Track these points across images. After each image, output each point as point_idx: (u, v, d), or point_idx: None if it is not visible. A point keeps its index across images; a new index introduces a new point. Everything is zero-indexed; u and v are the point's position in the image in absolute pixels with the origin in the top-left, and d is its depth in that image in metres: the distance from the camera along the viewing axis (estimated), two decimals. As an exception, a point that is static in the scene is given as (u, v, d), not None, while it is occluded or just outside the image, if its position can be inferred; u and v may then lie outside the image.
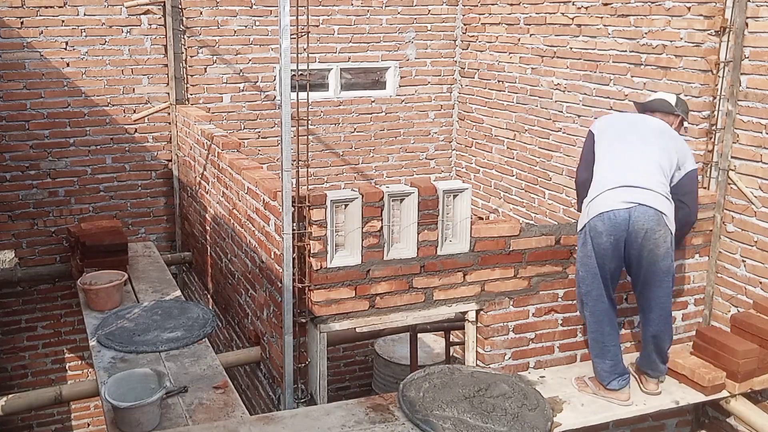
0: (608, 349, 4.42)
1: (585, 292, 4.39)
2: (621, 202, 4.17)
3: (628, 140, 4.40)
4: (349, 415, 3.99)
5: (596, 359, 4.49)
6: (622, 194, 4.19)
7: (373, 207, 4.35)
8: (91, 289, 5.28)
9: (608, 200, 4.20)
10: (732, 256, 5.10)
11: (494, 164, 7.54)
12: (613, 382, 4.45)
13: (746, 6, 4.86)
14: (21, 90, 6.58)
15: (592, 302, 4.38)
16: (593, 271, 4.30)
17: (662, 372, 4.63)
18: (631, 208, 4.15)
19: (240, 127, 7.33)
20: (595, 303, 4.36)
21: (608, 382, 4.47)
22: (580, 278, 4.41)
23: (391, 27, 7.67)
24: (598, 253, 4.25)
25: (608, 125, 4.56)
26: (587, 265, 4.32)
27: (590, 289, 4.35)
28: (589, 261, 4.29)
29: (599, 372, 4.49)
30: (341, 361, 8.07)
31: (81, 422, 7.47)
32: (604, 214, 4.19)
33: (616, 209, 4.16)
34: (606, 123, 4.60)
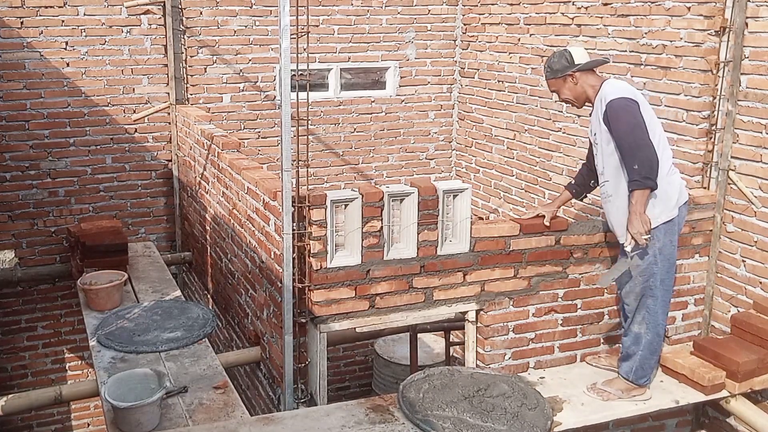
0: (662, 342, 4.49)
1: (660, 282, 4.32)
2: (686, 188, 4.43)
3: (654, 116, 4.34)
4: (349, 415, 3.99)
5: (651, 355, 4.46)
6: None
7: (373, 207, 4.35)
8: (91, 289, 5.28)
9: (684, 187, 4.37)
10: (732, 256, 5.10)
11: (494, 164, 7.54)
12: (648, 380, 4.52)
13: (746, 6, 4.86)
14: (21, 90, 6.58)
15: (664, 293, 4.36)
16: (672, 259, 4.36)
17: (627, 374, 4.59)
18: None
19: (240, 127, 7.34)
20: (667, 292, 4.39)
21: (647, 380, 4.51)
22: (657, 270, 4.29)
23: (391, 27, 7.67)
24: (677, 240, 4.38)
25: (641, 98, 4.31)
26: (669, 253, 4.31)
27: (665, 278, 4.34)
28: (672, 249, 4.33)
29: (645, 368, 4.46)
30: (341, 361, 8.08)
31: (81, 422, 7.47)
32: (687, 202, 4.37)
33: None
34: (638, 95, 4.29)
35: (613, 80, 4.39)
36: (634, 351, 4.46)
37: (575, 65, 4.32)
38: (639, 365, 4.46)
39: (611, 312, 4.98)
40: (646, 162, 4.04)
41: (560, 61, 4.34)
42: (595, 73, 4.39)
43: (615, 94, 4.17)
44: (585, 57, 4.35)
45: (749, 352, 4.67)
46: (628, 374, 4.50)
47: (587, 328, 4.95)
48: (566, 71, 4.33)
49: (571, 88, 4.37)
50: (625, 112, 4.10)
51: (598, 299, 4.94)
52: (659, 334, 4.44)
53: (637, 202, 4.08)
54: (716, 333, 5.23)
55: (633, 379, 4.48)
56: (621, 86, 4.27)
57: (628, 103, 4.12)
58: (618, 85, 4.29)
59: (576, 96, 4.39)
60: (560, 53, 4.38)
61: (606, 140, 4.24)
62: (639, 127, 4.08)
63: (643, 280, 4.32)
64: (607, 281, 4.60)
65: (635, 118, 4.08)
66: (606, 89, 4.25)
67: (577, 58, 4.32)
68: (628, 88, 4.26)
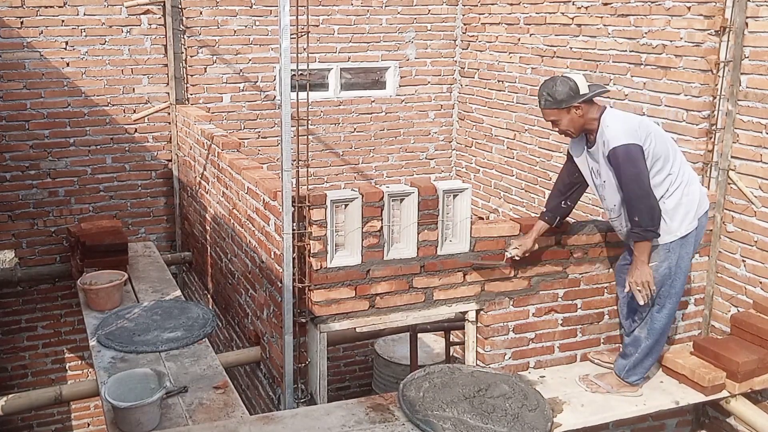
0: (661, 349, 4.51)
1: (676, 292, 4.33)
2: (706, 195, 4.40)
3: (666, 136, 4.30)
4: (349, 415, 3.99)
5: (647, 358, 4.48)
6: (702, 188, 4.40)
7: (373, 207, 4.35)
8: (91, 289, 5.28)
9: (704, 195, 4.34)
10: (732, 256, 5.10)
11: (494, 164, 7.54)
12: (640, 380, 4.55)
13: (746, 6, 4.86)
14: (21, 90, 6.58)
15: (674, 303, 4.38)
16: (687, 270, 4.36)
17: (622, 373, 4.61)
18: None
19: (240, 127, 7.33)
20: (675, 303, 4.40)
21: (639, 380, 4.54)
22: (671, 282, 4.27)
23: (391, 27, 7.67)
24: (694, 251, 4.36)
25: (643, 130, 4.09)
26: (684, 266, 4.29)
27: (678, 290, 4.34)
28: (687, 261, 4.30)
29: (640, 370, 4.51)
30: (341, 361, 8.08)
31: (81, 422, 7.47)
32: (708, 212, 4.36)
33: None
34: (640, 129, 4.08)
35: (612, 115, 4.13)
36: (631, 352, 4.49)
37: (580, 95, 4.06)
38: (632, 365, 4.50)
39: (611, 312, 4.98)
40: (646, 213, 4.00)
41: (564, 89, 4.05)
42: (594, 102, 4.16)
43: (618, 139, 3.99)
44: (586, 86, 4.09)
45: (749, 352, 4.67)
46: (621, 372, 4.55)
47: (587, 328, 4.95)
48: (571, 102, 4.06)
49: (573, 119, 4.12)
50: (628, 161, 3.97)
51: (598, 299, 4.94)
52: (659, 342, 4.46)
53: (639, 253, 4.08)
54: (716, 333, 5.23)
55: (624, 376, 4.53)
56: (622, 126, 4.04)
57: (629, 151, 3.97)
58: (619, 124, 4.06)
59: (576, 127, 4.16)
60: (563, 81, 4.07)
61: (611, 177, 4.14)
62: (640, 176, 3.98)
63: (656, 291, 4.27)
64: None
65: (636, 168, 3.97)
66: (609, 130, 4.05)
67: (582, 87, 4.06)
68: (630, 128, 4.04)
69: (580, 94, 4.06)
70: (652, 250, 4.14)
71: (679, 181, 4.18)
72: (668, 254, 4.21)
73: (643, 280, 4.08)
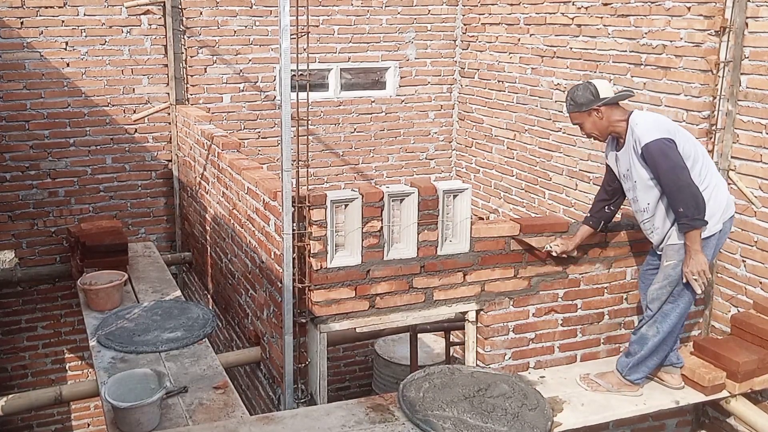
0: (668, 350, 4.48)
1: (690, 293, 4.30)
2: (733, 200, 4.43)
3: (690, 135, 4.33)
4: (349, 415, 3.99)
5: (652, 357, 4.46)
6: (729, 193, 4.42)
7: (373, 207, 4.35)
8: (91, 290, 5.28)
9: (731, 200, 4.35)
10: (732, 256, 5.10)
11: (494, 164, 7.54)
12: (643, 379, 4.53)
13: (746, 6, 4.86)
14: (21, 90, 6.58)
15: (686, 303, 4.37)
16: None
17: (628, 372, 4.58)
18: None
19: (240, 128, 7.34)
20: (689, 304, 4.39)
21: (640, 379, 4.52)
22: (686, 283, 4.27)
23: (391, 27, 7.67)
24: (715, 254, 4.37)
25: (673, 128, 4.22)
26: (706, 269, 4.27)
27: (693, 292, 4.29)
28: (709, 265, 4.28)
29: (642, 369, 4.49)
30: (341, 361, 8.08)
31: (81, 422, 7.47)
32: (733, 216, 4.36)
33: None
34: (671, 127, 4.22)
35: (641, 115, 4.26)
36: (636, 351, 4.47)
37: (600, 99, 4.23)
38: (635, 363, 4.49)
39: (611, 312, 4.98)
40: (691, 202, 4.06)
41: (585, 94, 4.25)
42: (620, 106, 4.31)
43: (650, 135, 4.09)
44: (610, 91, 4.28)
45: (749, 352, 4.67)
46: (623, 369, 4.54)
47: (587, 328, 4.95)
48: (591, 105, 4.24)
49: (596, 122, 4.29)
50: (662, 155, 4.07)
51: (598, 299, 4.94)
52: (666, 342, 4.42)
53: (691, 243, 4.12)
54: (716, 333, 5.23)
55: (626, 374, 4.52)
56: (652, 123, 4.18)
57: (664, 145, 4.07)
58: (649, 122, 4.19)
59: (600, 130, 4.33)
60: (584, 86, 4.29)
61: (644, 177, 4.21)
62: (678, 167, 4.06)
63: (670, 290, 4.31)
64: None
65: (673, 160, 4.06)
66: (639, 128, 4.16)
67: (602, 91, 4.24)
68: (660, 125, 4.18)
69: (600, 98, 4.23)
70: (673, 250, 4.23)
71: (706, 184, 4.20)
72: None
73: (699, 269, 4.13)
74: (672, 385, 4.61)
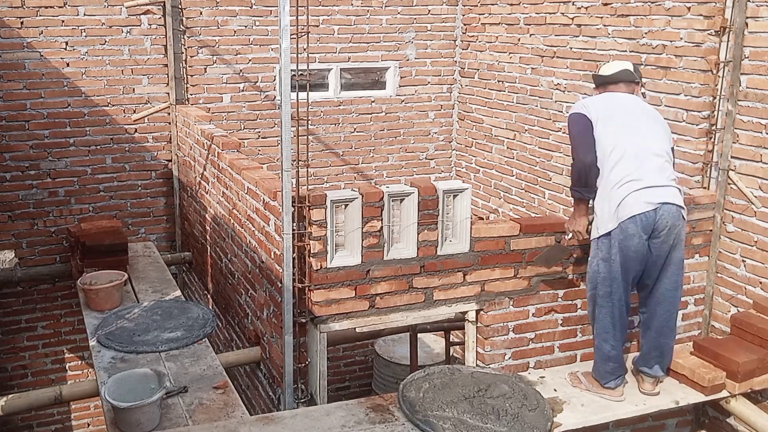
0: (614, 352, 4.41)
1: (604, 294, 4.33)
2: (647, 203, 4.17)
3: (633, 129, 4.30)
4: (349, 415, 3.99)
5: (600, 360, 4.48)
6: (647, 195, 4.18)
7: (373, 207, 4.35)
8: (91, 289, 5.28)
9: (638, 202, 4.17)
10: (732, 256, 5.10)
11: (494, 164, 7.54)
12: (611, 382, 4.48)
13: (746, 6, 4.86)
14: (21, 90, 6.58)
15: (610, 305, 4.34)
16: (616, 273, 4.27)
17: (659, 372, 4.57)
18: (657, 208, 4.18)
19: (240, 127, 7.34)
20: (614, 306, 4.34)
21: (606, 382, 4.49)
22: (600, 280, 4.32)
23: (391, 27, 7.67)
24: (625, 255, 4.22)
25: (603, 110, 4.36)
26: (610, 267, 4.27)
27: (610, 290, 4.31)
28: (613, 264, 4.25)
29: (600, 371, 4.50)
30: (341, 361, 8.08)
31: (81, 422, 7.47)
32: (636, 217, 4.16)
33: (645, 211, 4.16)
34: (598, 107, 4.38)
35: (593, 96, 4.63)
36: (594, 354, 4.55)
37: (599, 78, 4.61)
38: (594, 367, 4.56)
39: (611, 312, 4.97)
40: (574, 174, 4.42)
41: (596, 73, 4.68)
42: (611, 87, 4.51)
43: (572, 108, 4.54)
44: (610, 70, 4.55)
45: (749, 352, 4.67)
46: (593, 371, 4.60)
47: (587, 328, 4.94)
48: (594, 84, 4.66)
49: None
50: (570, 122, 4.48)
51: (598, 299, 4.93)
52: (602, 342, 4.40)
53: (574, 207, 4.54)
54: (716, 333, 5.23)
55: (595, 376, 4.56)
56: (584, 101, 4.56)
57: (572, 116, 4.46)
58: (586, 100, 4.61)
59: None
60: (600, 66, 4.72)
61: None
62: (575, 137, 4.41)
63: (591, 287, 4.42)
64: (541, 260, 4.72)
65: (573, 130, 4.43)
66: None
67: (603, 71, 4.59)
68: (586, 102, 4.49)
69: (599, 76, 4.61)
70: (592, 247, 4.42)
71: (607, 183, 4.26)
72: (597, 250, 4.33)
73: (574, 228, 4.52)
74: (643, 389, 4.59)
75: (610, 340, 4.39)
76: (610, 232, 4.23)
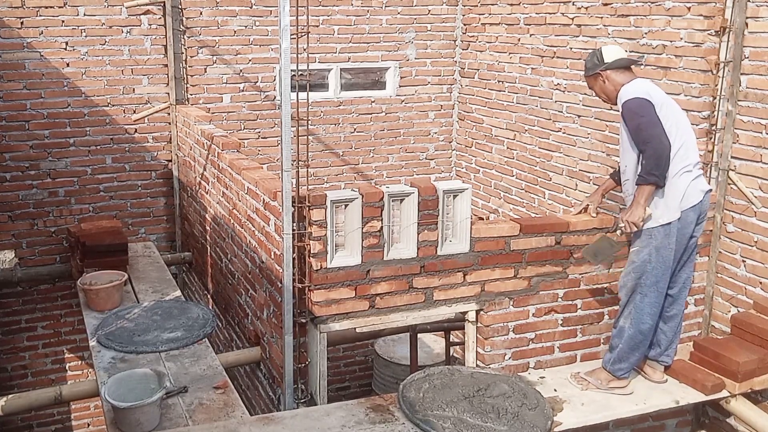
0: (645, 344, 4.50)
1: (651, 282, 4.36)
2: (701, 191, 4.31)
3: (681, 119, 4.35)
4: (349, 415, 3.99)
5: (631, 351, 4.49)
6: (700, 183, 4.33)
7: (373, 207, 4.35)
8: (91, 290, 5.28)
9: (696, 190, 4.29)
10: (732, 256, 5.10)
11: (494, 164, 7.54)
12: (627, 373, 4.54)
13: (746, 6, 4.86)
14: (21, 90, 6.58)
15: (656, 293, 4.38)
16: (668, 261, 4.34)
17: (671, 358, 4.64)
18: (705, 194, 4.33)
19: (240, 128, 7.34)
20: (659, 294, 4.40)
21: (623, 373, 4.53)
22: (650, 268, 4.34)
23: (391, 27, 7.67)
24: (680, 243, 4.32)
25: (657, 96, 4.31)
26: (665, 256, 4.31)
27: (658, 279, 4.35)
28: (669, 252, 4.31)
29: (623, 362, 4.51)
30: (341, 361, 8.08)
31: (81, 422, 7.47)
32: (696, 206, 4.28)
33: (701, 200, 4.30)
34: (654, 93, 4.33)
35: (637, 81, 4.38)
36: (617, 344, 4.53)
37: (603, 64, 4.39)
38: (617, 357, 4.53)
39: (611, 312, 4.97)
40: (653, 157, 4.14)
41: (591, 59, 4.46)
42: (628, 73, 4.42)
43: (630, 94, 4.26)
44: (616, 55, 4.40)
45: (749, 352, 4.67)
46: (607, 364, 4.58)
47: (587, 328, 4.95)
48: (595, 70, 4.43)
49: (602, 86, 4.46)
50: (638, 108, 4.20)
51: (599, 299, 4.94)
52: (642, 332, 4.45)
53: (639, 194, 4.23)
54: (716, 333, 5.23)
55: (610, 369, 4.56)
56: (638, 86, 4.32)
57: (641, 101, 4.21)
58: (637, 85, 4.33)
59: (607, 94, 4.47)
60: (593, 52, 4.49)
61: (625, 138, 4.35)
62: (651, 123, 4.16)
63: (636, 277, 4.40)
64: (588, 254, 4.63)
65: (646, 116, 4.17)
66: (623, 90, 4.33)
67: (607, 56, 4.39)
68: (642, 88, 4.31)
69: (603, 63, 4.39)
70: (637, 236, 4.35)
71: (675, 171, 4.26)
72: (650, 240, 4.32)
73: (633, 220, 4.25)
74: (654, 378, 4.64)
75: (647, 331, 4.44)
76: (671, 221, 4.28)
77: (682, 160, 4.26)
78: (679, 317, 4.57)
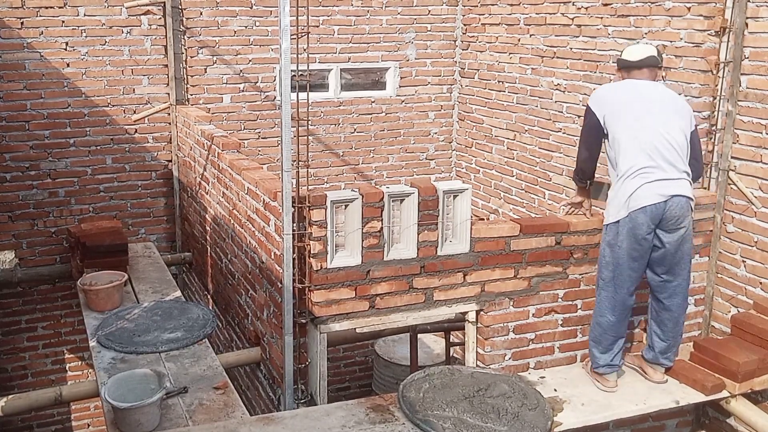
0: (606, 339, 4.50)
1: (606, 278, 4.44)
2: (659, 195, 4.27)
3: (649, 120, 4.34)
4: (349, 415, 3.99)
5: (592, 343, 4.58)
6: (659, 187, 4.28)
7: (373, 207, 4.35)
8: (91, 290, 5.28)
9: (651, 193, 4.27)
10: (732, 256, 5.10)
11: (494, 164, 7.54)
12: (602, 368, 4.57)
13: (746, 6, 4.86)
14: (21, 90, 6.58)
15: (611, 289, 4.43)
16: (620, 259, 4.37)
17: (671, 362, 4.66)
18: (668, 200, 4.28)
19: (240, 128, 7.34)
20: (615, 292, 4.42)
21: (597, 367, 4.59)
22: (604, 264, 4.45)
23: (391, 27, 7.67)
24: (631, 243, 4.33)
25: (620, 99, 4.44)
26: (617, 254, 4.36)
27: (613, 275, 4.41)
28: (619, 250, 4.35)
29: (592, 356, 4.61)
30: (341, 361, 8.08)
31: (81, 423, 7.47)
32: (646, 208, 4.27)
33: (656, 203, 4.27)
34: (615, 97, 4.48)
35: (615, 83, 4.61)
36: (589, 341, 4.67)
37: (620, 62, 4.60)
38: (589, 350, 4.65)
39: (611, 312, 4.97)
40: (576, 163, 4.74)
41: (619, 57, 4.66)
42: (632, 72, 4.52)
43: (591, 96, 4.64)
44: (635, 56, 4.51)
45: (749, 352, 4.67)
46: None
47: (587, 328, 4.94)
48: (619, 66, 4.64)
49: None
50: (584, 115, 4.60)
51: (599, 299, 4.94)
52: (600, 324, 4.51)
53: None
54: (716, 333, 5.23)
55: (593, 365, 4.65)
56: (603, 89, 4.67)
57: (587, 107, 4.57)
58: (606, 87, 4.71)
59: None
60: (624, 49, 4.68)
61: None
62: (583, 129, 4.62)
63: (597, 269, 4.56)
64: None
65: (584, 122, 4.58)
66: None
67: (625, 55, 4.56)
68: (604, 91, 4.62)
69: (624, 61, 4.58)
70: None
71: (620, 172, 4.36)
72: (604, 236, 4.48)
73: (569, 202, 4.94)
74: (654, 379, 4.67)
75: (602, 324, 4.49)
76: (618, 220, 4.33)
77: (635, 161, 4.29)
78: (672, 322, 4.53)
